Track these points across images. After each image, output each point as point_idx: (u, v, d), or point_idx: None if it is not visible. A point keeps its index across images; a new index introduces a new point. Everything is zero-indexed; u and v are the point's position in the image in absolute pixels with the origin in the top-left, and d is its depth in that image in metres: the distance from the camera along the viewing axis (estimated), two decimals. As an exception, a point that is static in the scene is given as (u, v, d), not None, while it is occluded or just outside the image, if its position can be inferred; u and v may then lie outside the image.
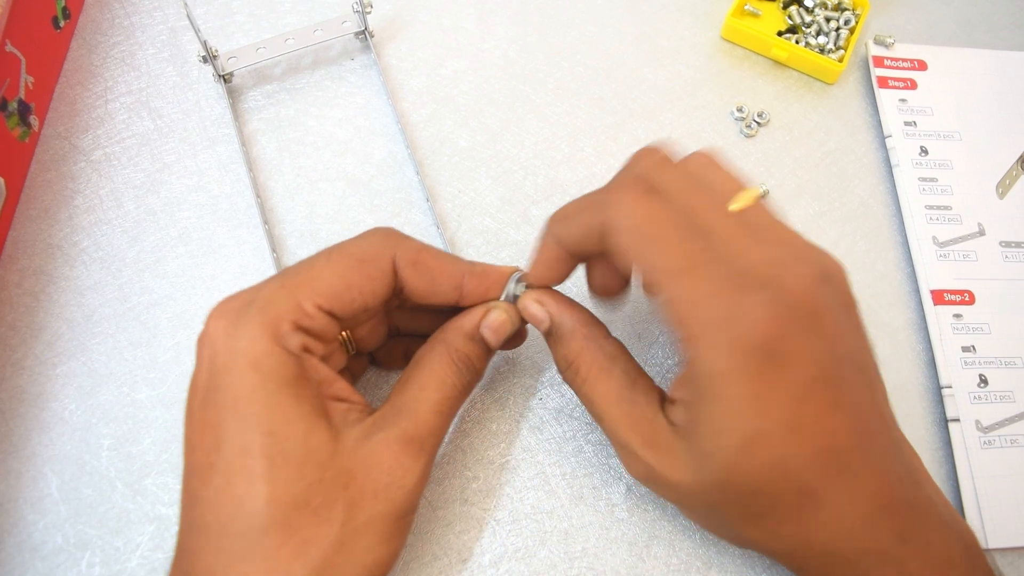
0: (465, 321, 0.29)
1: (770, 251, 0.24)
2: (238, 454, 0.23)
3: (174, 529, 0.32)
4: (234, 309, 0.25)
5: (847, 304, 0.25)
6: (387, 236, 0.28)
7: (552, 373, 0.35)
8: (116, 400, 0.34)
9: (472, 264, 0.29)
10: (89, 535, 0.31)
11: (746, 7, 0.45)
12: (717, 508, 0.25)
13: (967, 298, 0.38)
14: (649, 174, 0.26)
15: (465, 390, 0.29)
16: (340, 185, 0.39)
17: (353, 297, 0.26)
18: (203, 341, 0.25)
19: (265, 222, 0.37)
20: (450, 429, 0.30)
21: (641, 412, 0.27)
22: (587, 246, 0.27)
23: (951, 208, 0.40)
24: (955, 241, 0.39)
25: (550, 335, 0.29)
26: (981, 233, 0.40)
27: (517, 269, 0.30)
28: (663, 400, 0.27)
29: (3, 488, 0.32)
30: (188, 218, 0.38)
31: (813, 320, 0.23)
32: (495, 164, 0.40)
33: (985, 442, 0.35)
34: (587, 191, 0.39)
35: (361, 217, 0.38)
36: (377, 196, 0.39)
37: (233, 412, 0.23)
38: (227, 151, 0.39)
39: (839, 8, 0.44)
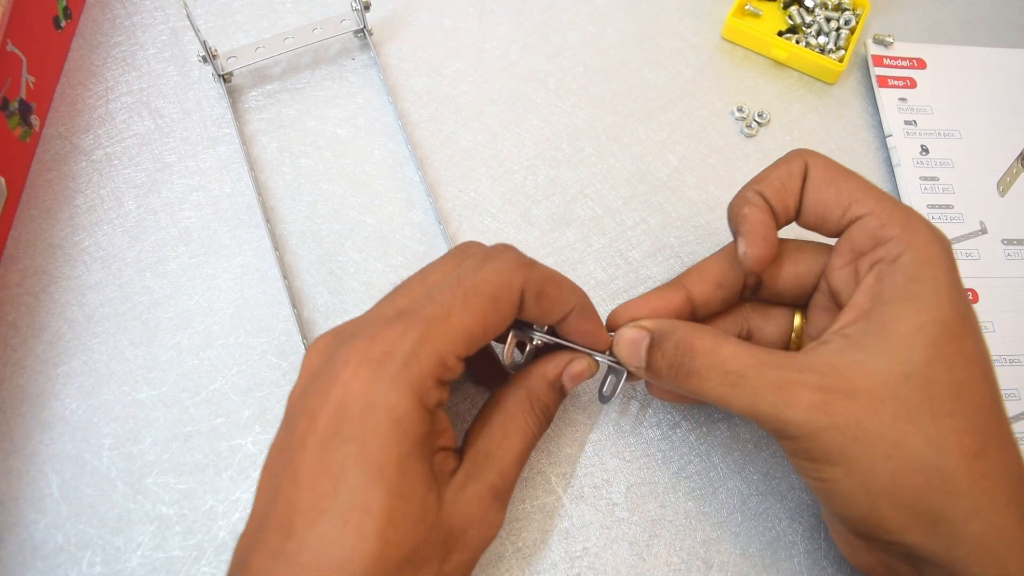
0: (549, 369, 0.29)
1: None
2: (357, 508, 0.23)
3: (176, 528, 0.31)
4: (375, 361, 0.24)
5: None
6: (517, 266, 0.26)
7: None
8: (117, 399, 0.34)
9: (583, 299, 0.29)
10: (90, 534, 0.31)
11: (746, 7, 0.45)
12: (917, 406, 0.23)
13: (970, 297, 0.38)
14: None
15: (539, 437, 0.29)
16: (341, 185, 0.39)
17: (487, 337, 0.25)
18: (335, 383, 0.24)
19: (267, 221, 0.37)
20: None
21: (782, 354, 0.26)
22: (789, 195, 0.28)
23: (953, 207, 0.40)
24: (957, 240, 0.39)
25: (652, 346, 0.28)
26: (983, 231, 0.39)
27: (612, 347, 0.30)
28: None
29: (4, 487, 0.32)
30: (189, 218, 0.38)
31: None
32: (496, 164, 0.40)
33: (988, 440, 0.34)
34: (588, 191, 0.40)
35: (361, 217, 0.38)
36: (378, 196, 0.39)
37: (362, 467, 0.23)
38: (228, 151, 0.40)
39: (839, 8, 0.44)
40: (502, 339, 0.29)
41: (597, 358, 0.30)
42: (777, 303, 0.32)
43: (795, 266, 0.30)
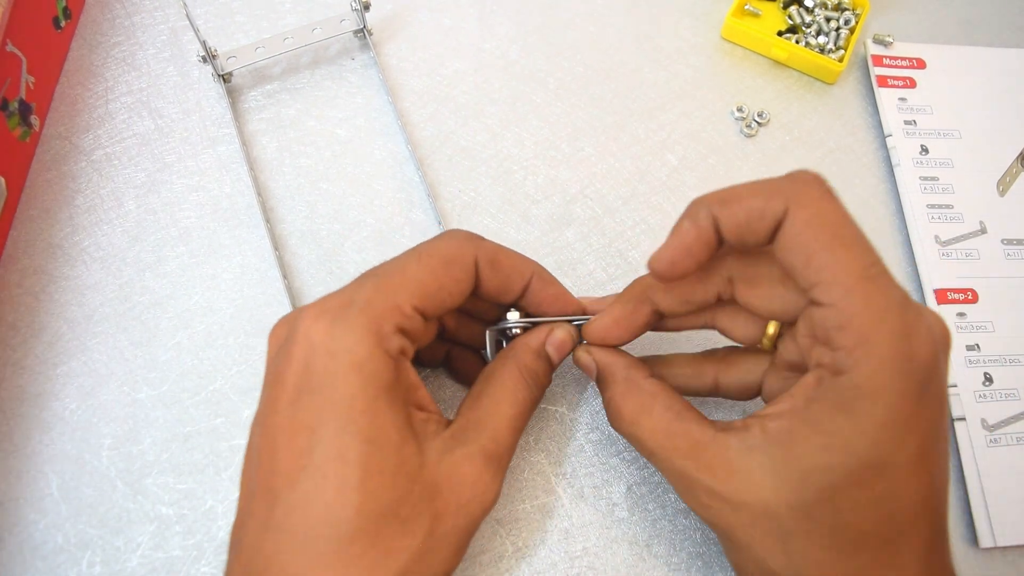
0: (532, 339, 0.30)
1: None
2: (333, 459, 0.23)
3: (175, 528, 0.31)
4: (333, 310, 0.24)
5: None
6: (467, 238, 0.28)
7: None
8: (117, 400, 0.34)
9: (540, 267, 0.30)
10: (90, 534, 0.31)
11: (746, 7, 0.45)
12: (791, 533, 0.24)
13: (970, 297, 0.38)
14: (822, 180, 0.25)
15: (533, 404, 0.29)
16: (341, 185, 0.39)
17: (443, 297, 0.26)
18: (296, 340, 0.24)
19: (267, 221, 0.37)
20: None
21: (695, 439, 0.26)
22: (750, 233, 0.24)
23: (952, 207, 0.40)
24: (957, 240, 0.39)
25: (597, 381, 0.30)
26: (983, 231, 0.39)
27: (584, 311, 0.31)
28: (720, 429, 0.26)
29: (4, 487, 0.32)
30: (188, 218, 0.38)
31: (943, 369, 0.24)
32: (495, 164, 0.40)
33: (991, 440, 0.34)
34: (587, 191, 0.40)
35: (361, 217, 0.38)
36: (377, 196, 0.39)
37: (331, 416, 0.23)
38: (227, 151, 0.40)
39: (839, 8, 0.44)
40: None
41: (576, 322, 0.31)
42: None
43: (770, 301, 0.27)
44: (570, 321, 0.31)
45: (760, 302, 0.27)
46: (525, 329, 0.31)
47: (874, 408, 0.22)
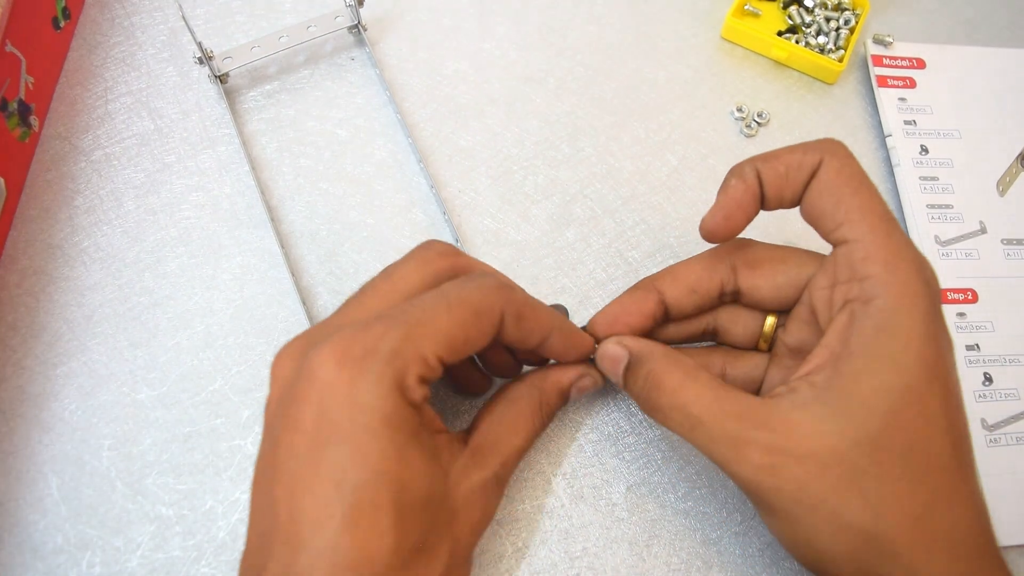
0: (563, 378, 0.31)
1: None
2: (365, 508, 0.23)
3: (175, 529, 0.31)
4: (356, 358, 0.23)
5: None
6: (500, 287, 0.27)
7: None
8: (116, 400, 0.34)
9: (563, 321, 0.29)
10: (89, 535, 0.31)
11: (746, 7, 0.45)
12: (864, 473, 0.24)
13: (970, 297, 0.38)
14: (846, 146, 0.28)
15: (540, 436, 0.31)
16: (341, 185, 0.39)
17: (467, 349, 0.26)
18: (313, 386, 0.23)
19: (272, 220, 0.37)
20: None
21: (744, 402, 0.26)
22: (788, 185, 0.27)
23: (952, 207, 0.40)
24: (957, 240, 0.39)
25: (628, 368, 0.29)
26: (983, 231, 0.39)
27: (595, 349, 0.31)
28: (765, 398, 0.26)
29: (3, 488, 0.32)
30: (188, 218, 0.38)
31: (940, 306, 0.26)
32: (495, 164, 0.40)
33: (991, 440, 0.34)
34: (587, 191, 0.40)
35: (361, 218, 0.38)
36: (378, 196, 0.39)
37: (361, 466, 0.23)
38: (227, 151, 0.39)
39: (839, 8, 0.44)
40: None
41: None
42: (758, 310, 0.31)
43: (774, 277, 0.29)
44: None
45: (764, 281, 0.29)
46: None
47: (910, 322, 0.24)
